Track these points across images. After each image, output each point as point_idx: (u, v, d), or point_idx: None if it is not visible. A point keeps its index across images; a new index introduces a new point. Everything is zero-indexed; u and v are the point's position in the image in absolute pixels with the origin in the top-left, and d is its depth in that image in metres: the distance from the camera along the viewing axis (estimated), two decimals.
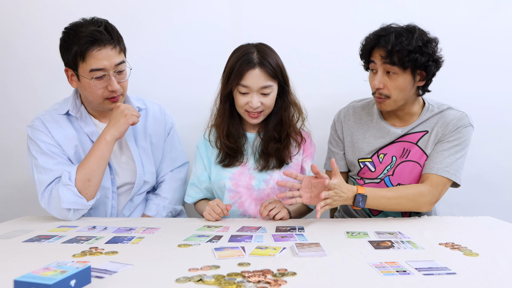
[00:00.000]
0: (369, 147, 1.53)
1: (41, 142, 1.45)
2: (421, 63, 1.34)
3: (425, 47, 1.34)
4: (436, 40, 1.39)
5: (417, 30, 1.36)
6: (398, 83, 1.38)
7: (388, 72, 1.39)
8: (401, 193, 1.38)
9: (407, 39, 1.33)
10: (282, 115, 1.52)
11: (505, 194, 2.01)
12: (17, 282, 0.71)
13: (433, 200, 1.39)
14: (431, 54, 1.35)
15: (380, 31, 1.40)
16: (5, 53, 2.04)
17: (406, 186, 1.42)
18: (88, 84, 1.41)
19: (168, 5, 1.99)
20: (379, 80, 1.40)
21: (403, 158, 1.49)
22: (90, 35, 1.36)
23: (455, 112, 1.46)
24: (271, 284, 0.77)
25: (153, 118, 1.68)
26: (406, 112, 1.49)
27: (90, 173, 1.40)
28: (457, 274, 0.84)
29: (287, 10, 1.97)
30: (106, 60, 1.39)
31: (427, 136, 1.47)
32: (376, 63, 1.40)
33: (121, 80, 1.46)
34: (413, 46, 1.32)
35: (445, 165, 1.40)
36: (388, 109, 1.45)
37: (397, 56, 1.33)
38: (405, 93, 1.40)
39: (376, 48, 1.40)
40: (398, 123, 1.51)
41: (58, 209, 1.39)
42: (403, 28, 1.37)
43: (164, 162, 1.69)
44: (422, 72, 1.38)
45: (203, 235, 1.18)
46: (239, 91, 1.46)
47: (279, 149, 1.52)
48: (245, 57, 1.43)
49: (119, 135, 1.44)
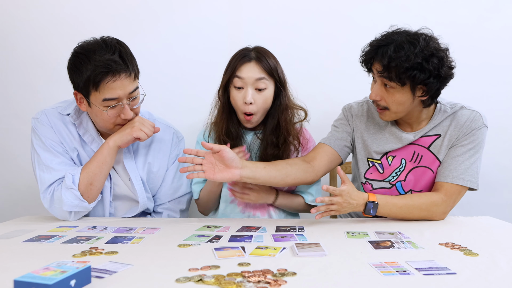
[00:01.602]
0: (379, 149, 1.48)
1: (45, 137, 1.44)
2: (420, 80, 1.25)
3: (426, 62, 1.24)
4: (443, 53, 1.27)
5: (421, 41, 1.25)
6: (395, 98, 1.32)
7: (386, 85, 1.32)
8: (413, 202, 1.33)
9: (406, 54, 1.23)
10: (279, 118, 1.51)
11: (505, 194, 2.01)
12: (17, 282, 0.71)
13: (447, 209, 1.35)
14: (432, 71, 1.25)
15: (381, 39, 1.32)
16: (5, 53, 2.04)
17: (418, 195, 1.36)
18: (100, 112, 1.36)
19: (168, 4, 1.99)
20: (376, 92, 1.35)
21: (415, 164, 1.44)
22: (105, 65, 1.28)
23: (468, 113, 1.39)
24: (271, 284, 0.77)
25: (158, 146, 1.58)
26: (415, 119, 1.42)
27: (92, 177, 1.39)
28: (457, 274, 0.84)
29: (286, 9, 1.97)
30: (120, 89, 1.33)
31: (440, 140, 1.41)
32: (375, 74, 1.35)
33: (134, 106, 1.41)
34: (412, 62, 1.22)
35: (460, 172, 1.35)
36: (389, 119, 1.41)
37: (394, 72, 1.26)
38: (404, 107, 1.34)
39: (374, 59, 1.33)
40: (409, 128, 1.45)
41: (59, 210, 1.39)
42: (406, 38, 1.26)
43: (162, 190, 1.59)
44: (423, 87, 1.30)
45: (203, 235, 1.18)
46: (234, 85, 1.46)
47: (277, 155, 1.51)
48: (242, 53, 1.47)
49: (121, 144, 1.40)
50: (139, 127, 1.40)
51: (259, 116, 1.50)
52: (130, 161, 1.51)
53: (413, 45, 1.24)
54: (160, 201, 1.60)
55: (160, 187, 1.59)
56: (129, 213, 1.54)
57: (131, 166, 1.51)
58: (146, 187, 1.55)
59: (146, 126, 1.42)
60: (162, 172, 1.58)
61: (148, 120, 1.45)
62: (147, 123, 1.43)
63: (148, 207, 1.57)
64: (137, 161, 1.54)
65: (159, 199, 1.61)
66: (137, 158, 1.54)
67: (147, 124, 1.42)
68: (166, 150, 1.59)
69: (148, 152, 1.56)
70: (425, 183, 1.45)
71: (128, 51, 1.38)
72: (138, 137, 1.40)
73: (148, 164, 1.55)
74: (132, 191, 1.52)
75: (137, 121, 1.41)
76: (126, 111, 1.38)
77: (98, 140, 1.48)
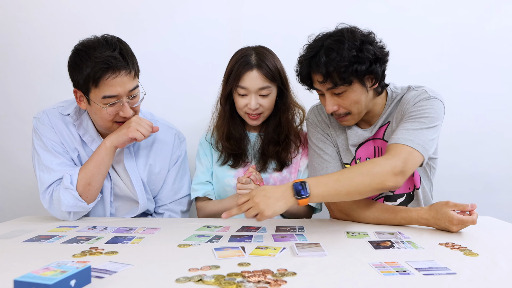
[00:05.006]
0: (347, 152, 1.43)
1: (46, 138, 1.44)
2: (364, 70, 1.20)
3: (361, 52, 1.19)
4: (371, 36, 1.24)
5: (346, 35, 1.21)
6: (350, 99, 1.26)
7: (335, 93, 1.27)
8: (350, 170, 1.16)
9: (338, 53, 1.18)
10: (280, 117, 1.53)
11: (505, 194, 2.01)
12: (17, 282, 0.71)
13: (396, 169, 1.12)
14: (370, 58, 1.20)
15: (309, 51, 1.26)
16: (5, 53, 2.04)
17: (356, 164, 1.22)
18: (99, 110, 1.35)
19: (168, 4, 1.99)
20: (331, 105, 1.28)
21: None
22: (105, 61, 1.28)
23: (414, 92, 1.31)
24: (271, 284, 0.77)
25: (160, 148, 1.57)
26: (371, 114, 1.37)
27: (90, 177, 1.39)
28: (457, 274, 0.84)
29: (286, 6, 1.97)
30: (120, 86, 1.32)
31: (390, 126, 1.35)
32: (320, 89, 1.29)
33: (134, 105, 1.41)
34: (347, 58, 1.18)
35: (407, 135, 1.20)
36: (353, 123, 1.36)
37: (335, 75, 1.20)
38: (363, 103, 1.29)
39: (312, 73, 1.27)
40: (366, 124, 1.41)
41: (58, 210, 1.40)
42: (331, 39, 1.22)
43: (163, 192, 1.59)
44: (370, 76, 1.25)
45: (203, 235, 1.18)
46: (238, 93, 1.47)
47: (278, 152, 1.53)
48: (243, 59, 1.46)
49: (117, 144, 1.40)
50: (135, 127, 1.39)
51: (265, 115, 1.52)
52: (130, 162, 1.51)
53: (340, 42, 1.20)
54: (161, 202, 1.60)
55: (161, 188, 1.59)
56: (130, 213, 1.54)
57: (132, 167, 1.51)
58: (146, 188, 1.54)
59: (143, 126, 1.40)
60: (163, 173, 1.58)
61: (146, 120, 1.43)
62: (145, 122, 1.41)
63: (149, 208, 1.57)
64: (138, 162, 1.53)
65: (160, 201, 1.60)
66: (138, 159, 1.54)
67: (144, 124, 1.40)
68: (168, 151, 1.59)
69: (150, 154, 1.56)
70: None
71: (129, 49, 1.38)
72: (134, 138, 1.39)
73: (150, 166, 1.55)
74: (132, 192, 1.52)
75: (134, 121, 1.40)
76: (125, 109, 1.37)
77: (98, 141, 1.48)
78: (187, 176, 1.65)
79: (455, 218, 1.15)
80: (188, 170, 1.67)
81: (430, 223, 1.21)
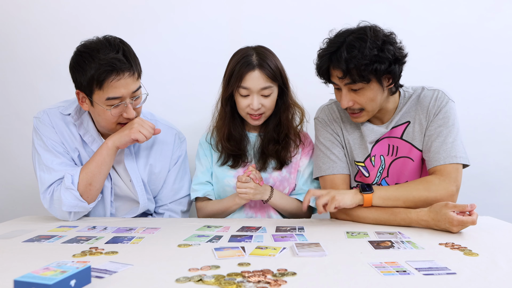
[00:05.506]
0: (361, 150, 1.45)
1: (46, 137, 1.44)
2: (383, 70, 1.23)
3: (382, 52, 1.22)
4: (392, 36, 1.27)
5: (369, 33, 1.23)
6: (367, 96, 1.30)
7: (352, 89, 1.30)
8: (408, 184, 1.32)
9: (360, 51, 1.20)
10: (281, 117, 1.53)
11: (505, 194, 2.01)
12: (17, 282, 0.71)
13: (449, 187, 1.27)
14: (390, 58, 1.23)
15: (330, 45, 1.28)
16: (5, 53, 2.04)
17: (411, 181, 1.35)
18: (102, 111, 1.35)
19: (168, 4, 1.99)
20: (347, 100, 1.31)
21: (393, 157, 1.42)
22: (109, 63, 1.28)
23: (430, 93, 1.38)
24: (271, 284, 0.77)
25: (160, 148, 1.57)
26: (384, 111, 1.40)
27: (92, 177, 1.39)
28: (457, 274, 0.84)
29: (286, 6, 1.97)
30: (124, 88, 1.32)
31: (410, 127, 1.39)
32: (338, 83, 1.31)
33: (137, 106, 1.41)
34: (369, 57, 1.20)
35: (447, 151, 1.30)
36: (366, 119, 1.38)
37: (355, 72, 1.23)
38: (378, 101, 1.32)
39: (331, 68, 1.29)
40: (379, 121, 1.43)
41: (59, 210, 1.40)
42: (354, 36, 1.24)
43: (163, 192, 1.59)
44: (388, 76, 1.28)
45: (203, 235, 1.18)
46: (240, 93, 1.47)
47: (278, 150, 1.53)
48: (244, 60, 1.45)
49: (119, 144, 1.40)
50: (137, 128, 1.39)
51: (267, 115, 1.52)
52: (131, 162, 1.51)
53: (363, 40, 1.22)
54: (162, 202, 1.60)
55: (161, 188, 1.59)
56: (130, 213, 1.54)
57: (132, 167, 1.51)
58: (147, 188, 1.54)
59: (146, 127, 1.40)
60: (163, 173, 1.58)
61: (148, 122, 1.44)
62: (147, 124, 1.42)
63: (149, 208, 1.57)
64: (138, 162, 1.53)
65: (160, 200, 1.60)
66: (139, 159, 1.54)
67: (146, 126, 1.41)
68: (168, 151, 1.59)
69: (150, 154, 1.56)
70: (408, 173, 1.43)
71: (131, 50, 1.38)
72: (137, 139, 1.39)
73: (150, 166, 1.55)
74: (132, 192, 1.52)
75: (136, 123, 1.40)
76: (129, 110, 1.37)
77: (98, 141, 1.48)
78: (187, 176, 1.65)
79: (455, 219, 1.16)
80: (188, 170, 1.67)
81: (430, 224, 1.21)
